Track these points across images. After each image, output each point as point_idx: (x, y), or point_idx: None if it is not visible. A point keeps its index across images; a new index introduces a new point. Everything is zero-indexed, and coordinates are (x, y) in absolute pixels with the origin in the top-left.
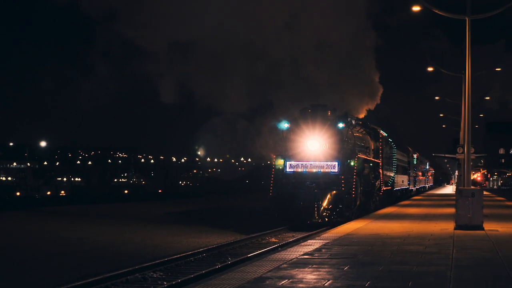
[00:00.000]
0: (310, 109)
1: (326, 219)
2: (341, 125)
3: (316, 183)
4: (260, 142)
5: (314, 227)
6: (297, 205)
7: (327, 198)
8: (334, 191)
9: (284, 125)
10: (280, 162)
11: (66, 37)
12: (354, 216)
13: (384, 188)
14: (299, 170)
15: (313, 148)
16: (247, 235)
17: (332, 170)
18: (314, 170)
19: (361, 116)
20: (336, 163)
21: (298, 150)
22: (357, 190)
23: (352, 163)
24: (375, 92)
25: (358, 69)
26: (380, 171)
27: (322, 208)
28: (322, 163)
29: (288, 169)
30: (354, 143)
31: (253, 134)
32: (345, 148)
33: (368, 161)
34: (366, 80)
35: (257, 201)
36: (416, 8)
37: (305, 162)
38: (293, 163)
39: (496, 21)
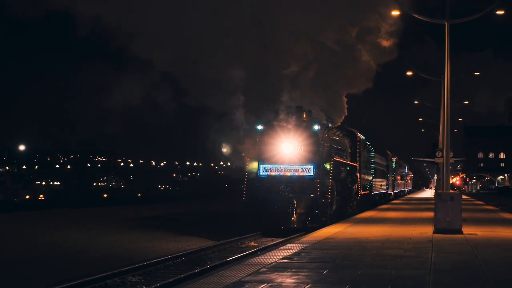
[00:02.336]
0: (285, 111)
1: (301, 225)
2: (316, 127)
3: (291, 187)
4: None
5: (289, 233)
6: (271, 210)
7: (302, 202)
8: (309, 196)
9: (258, 127)
10: (253, 165)
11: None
12: (330, 221)
13: (362, 192)
14: (273, 173)
15: (288, 151)
16: (218, 240)
17: (307, 174)
18: (289, 174)
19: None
20: (311, 166)
21: (272, 153)
22: (333, 194)
23: (328, 167)
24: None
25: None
26: (358, 174)
27: (295, 213)
28: (296, 166)
29: (261, 173)
30: (330, 146)
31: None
32: (320, 151)
33: (345, 165)
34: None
35: (236, 205)
36: (395, 13)
37: (279, 166)
38: (267, 166)
39: (484, 29)
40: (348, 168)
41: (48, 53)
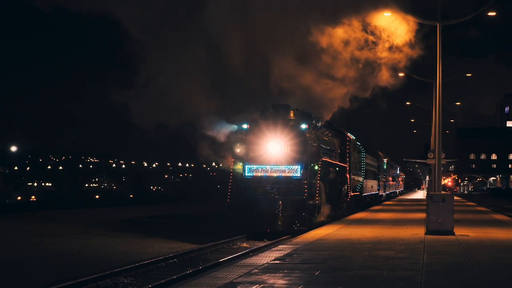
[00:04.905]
0: (272, 109)
1: (288, 227)
2: (304, 126)
3: (277, 188)
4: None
5: (275, 236)
6: (256, 212)
7: (289, 204)
8: (297, 197)
9: (244, 126)
10: (239, 166)
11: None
12: (318, 224)
13: (352, 194)
14: (259, 174)
15: (274, 151)
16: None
17: (294, 175)
18: (275, 175)
19: (328, 117)
20: (298, 167)
21: (258, 153)
22: (321, 196)
23: (316, 167)
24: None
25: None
26: (348, 175)
27: (280, 215)
28: (283, 167)
29: (247, 173)
30: (318, 146)
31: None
32: (308, 151)
33: (334, 165)
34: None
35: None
36: (387, 14)
37: (265, 166)
38: (252, 167)
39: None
40: (337, 168)
41: (45, 54)
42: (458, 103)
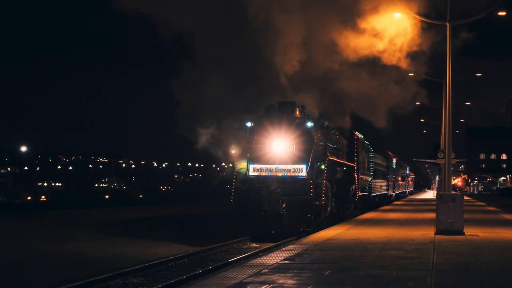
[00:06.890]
0: (277, 107)
1: (293, 228)
2: (310, 124)
3: (282, 188)
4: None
5: (280, 237)
6: (260, 212)
7: (294, 204)
8: (302, 197)
9: (248, 124)
10: (242, 165)
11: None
12: (325, 224)
13: (360, 194)
14: (264, 174)
15: (279, 149)
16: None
17: (299, 174)
18: (280, 174)
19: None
20: (304, 166)
21: (262, 152)
22: (327, 196)
23: (322, 166)
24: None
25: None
26: (355, 175)
27: (284, 215)
28: (288, 166)
29: (251, 173)
30: (325, 144)
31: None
32: (314, 150)
33: (341, 165)
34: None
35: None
36: (397, 14)
37: (270, 165)
38: (256, 166)
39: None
40: (344, 168)
41: (53, 55)
42: (468, 103)
